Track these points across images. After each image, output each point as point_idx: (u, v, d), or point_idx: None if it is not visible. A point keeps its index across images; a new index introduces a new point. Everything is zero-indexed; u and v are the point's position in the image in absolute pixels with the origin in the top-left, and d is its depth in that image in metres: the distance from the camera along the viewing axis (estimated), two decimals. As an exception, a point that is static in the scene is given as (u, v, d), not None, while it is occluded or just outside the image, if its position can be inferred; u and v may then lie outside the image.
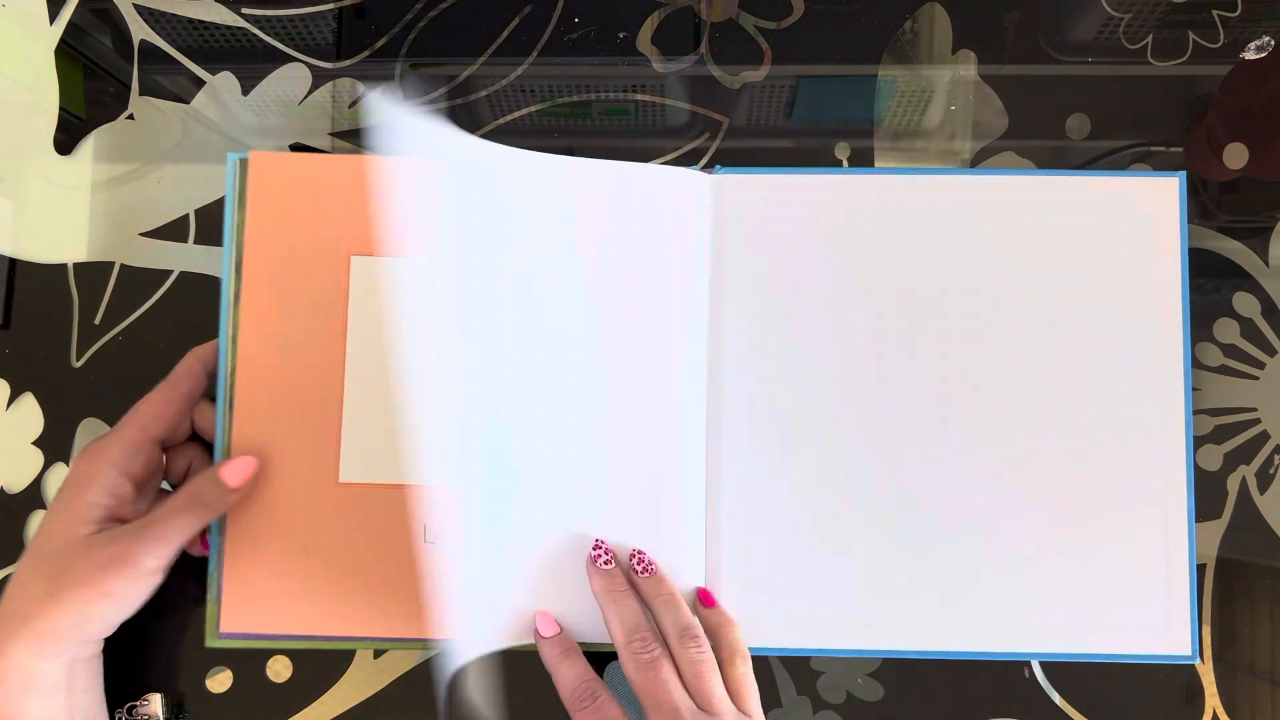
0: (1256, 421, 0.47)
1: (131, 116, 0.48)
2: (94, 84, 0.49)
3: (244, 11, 0.49)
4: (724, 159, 0.49)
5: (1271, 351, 0.48)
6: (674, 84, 0.49)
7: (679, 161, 0.48)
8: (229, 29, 0.49)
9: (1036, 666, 0.45)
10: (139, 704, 0.44)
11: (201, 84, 0.49)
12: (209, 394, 0.42)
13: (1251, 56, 0.49)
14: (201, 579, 0.42)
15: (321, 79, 0.49)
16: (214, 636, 0.41)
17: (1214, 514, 0.46)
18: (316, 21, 0.50)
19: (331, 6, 0.50)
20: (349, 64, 0.49)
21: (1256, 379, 0.47)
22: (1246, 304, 0.48)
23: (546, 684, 0.40)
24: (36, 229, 0.47)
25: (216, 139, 0.48)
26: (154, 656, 0.44)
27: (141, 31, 0.49)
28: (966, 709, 0.45)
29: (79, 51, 0.49)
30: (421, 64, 0.49)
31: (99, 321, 0.47)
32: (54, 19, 0.49)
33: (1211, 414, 0.47)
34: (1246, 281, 0.48)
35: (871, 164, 0.48)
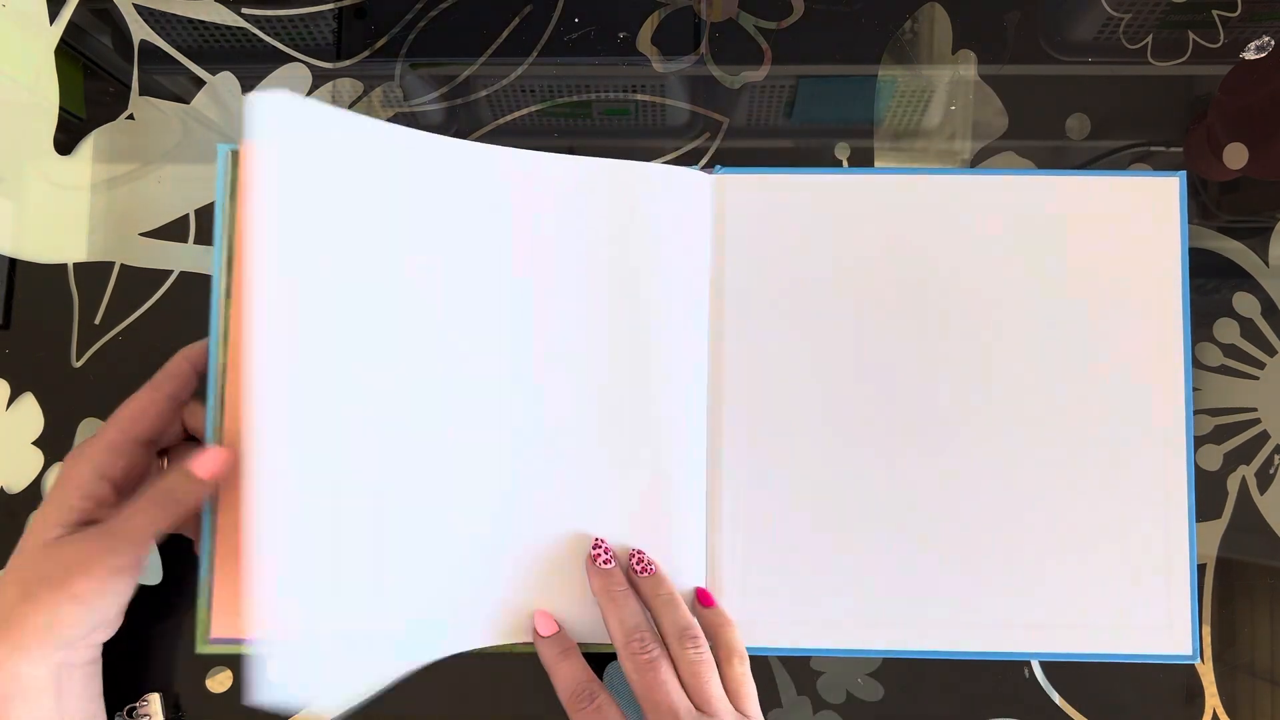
0: (1256, 421, 0.47)
1: (131, 116, 0.48)
2: (94, 84, 0.49)
3: (244, 11, 0.49)
4: (724, 159, 0.49)
5: (1271, 351, 0.48)
6: (674, 84, 0.49)
7: (679, 161, 0.48)
8: (229, 29, 0.49)
9: (1036, 666, 0.45)
10: (138, 705, 0.44)
11: (201, 84, 0.49)
12: (200, 394, 0.41)
13: (1251, 56, 0.49)
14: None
15: (321, 79, 0.49)
16: (204, 642, 0.40)
17: (1214, 514, 0.46)
18: (316, 21, 0.50)
19: (331, 6, 0.50)
20: (349, 64, 0.49)
21: (1256, 379, 0.47)
22: (1246, 304, 0.48)
23: (545, 684, 0.40)
24: (36, 229, 0.47)
25: (216, 139, 0.48)
26: (154, 656, 0.44)
27: (141, 31, 0.49)
28: (966, 709, 0.45)
29: (79, 51, 0.49)
30: (421, 64, 0.49)
31: (99, 321, 0.47)
32: (54, 19, 0.49)
33: (1211, 414, 0.47)
34: (1246, 281, 0.48)
35: (871, 164, 0.48)
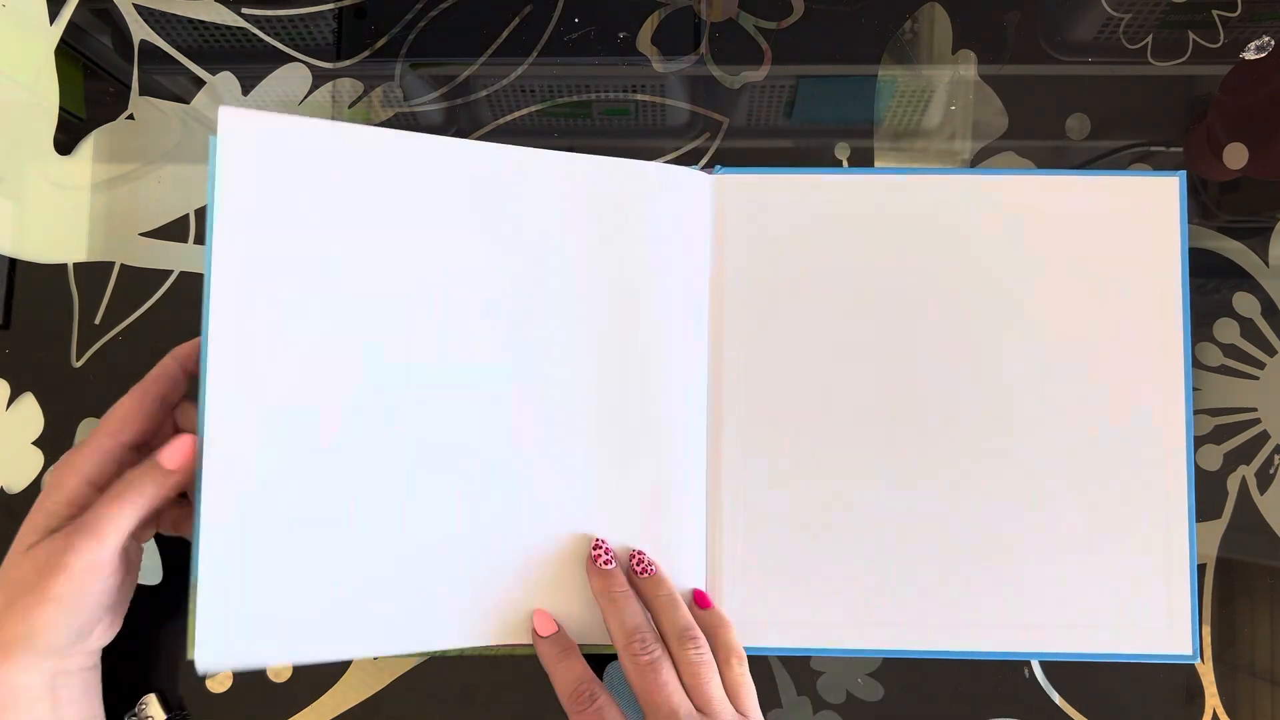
0: (1256, 421, 0.47)
1: (131, 116, 0.48)
2: (94, 84, 0.49)
3: (244, 11, 0.49)
4: (724, 159, 0.49)
5: (1271, 351, 0.48)
6: (674, 84, 0.49)
7: (679, 161, 0.48)
8: (229, 29, 0.49)
9: (1036, 666, 0.45)
10: (138, 709, 0.43)
11: (201, 84, 0.49)
12: (192, 395, 0.40)
13: (1251, 56, 0.49)
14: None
15: (321, 79, 0.49)
16: (195, 649, 0.38)
17: (1214, 514, 0.46)
18: (316, 21, 0.50)
19: (331, 6, 0.50)
20: (349, 64, 0.49)
21: (1256, 379, 0.47)
22: (1246, 304, 0.48)
23: (545, 685, 0.39)
24: (36, 229, 0.47)
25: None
26: (154, 657, 0.45)
27: (141, 31, 0.49)
28: (966, 709, 0.45)
29: (79, 51, 0.49)
30: (421, 64, 0.49)
31: (99, 321, 0.47)
32: (54, 19, 0.49)
33: (1211, 414, 0.47)
34: (1246, 281, 0.48)
35: (871, 164, 0.48)
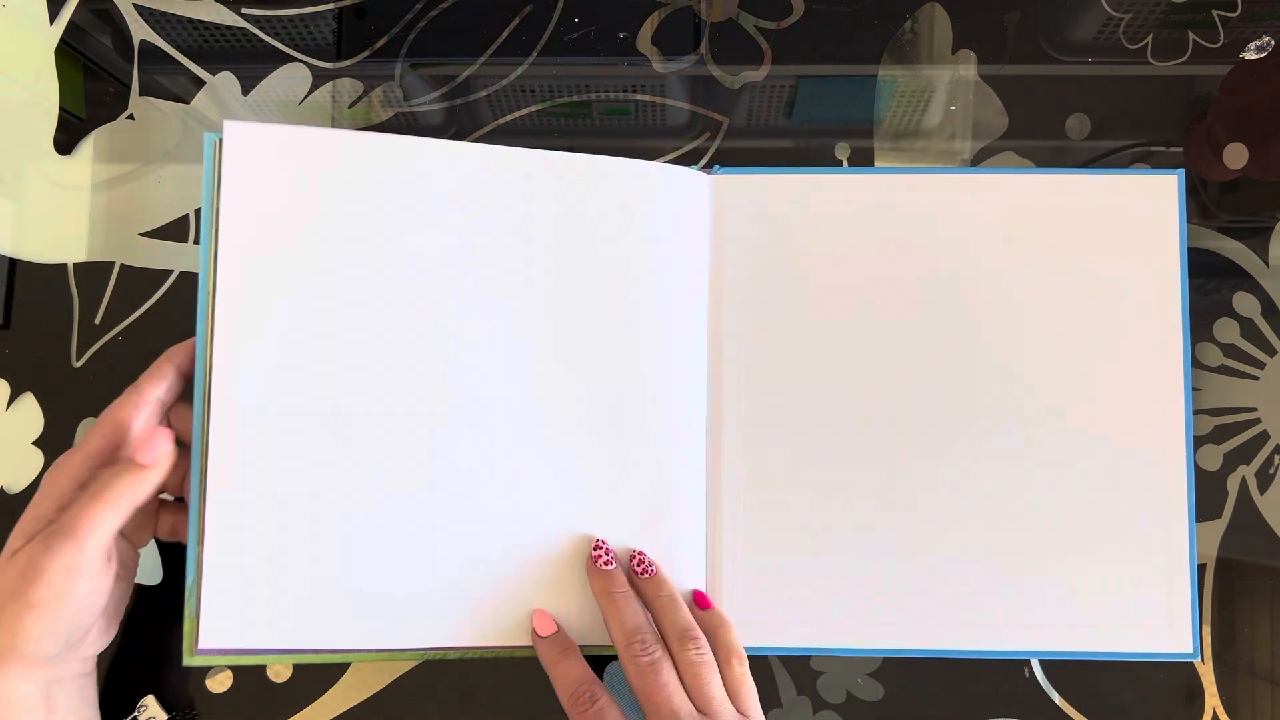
0: (1256, 421, 0.47)
1: (131, 116, 0.48)
2: (94, 84, 0.49)
3: (244, 11, 0.49)
4: (724, 159, 0.49)
5: (1271, 351, 0.48)
6: (674, 84, 0.49)
7: (679, 161, 0.48)
8: (229, 29, 0.49)
9: (1036, 666, 0.45)
10: (137, 711, 0.43)
11: (201, 84, 0.49)
12: (186, 396, 0.40)
13: (1251, 56, 0.49)
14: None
15: (321, 79, 0.49)
16: (192, 654, 0.39)
17: (1214, 514, 0.46)
18: (316, 21, 0.50)
19: (331, 6, 0.50)
20: (349, 64, 0.49)
21: (1256, 379, 0.47)
22: (1246, 304, 0.48)
23: (544, 685, 0.39)
24: (36, 229, 0.47)
25: (216, 139, 0.48)
26: (155, 657, 0.44)
27: (141, 31, 0.49)
28: (966, 709, 0.45)
29: (79, 51, 0.49)
30: (421, 64, 0.49)
31: (99, 321, 0.47)
32: (54, 19, 0.49)
33: (1211, 414, 0.47)
34: (1246, 281, 0.48)
35: (871, 164, 0.48)
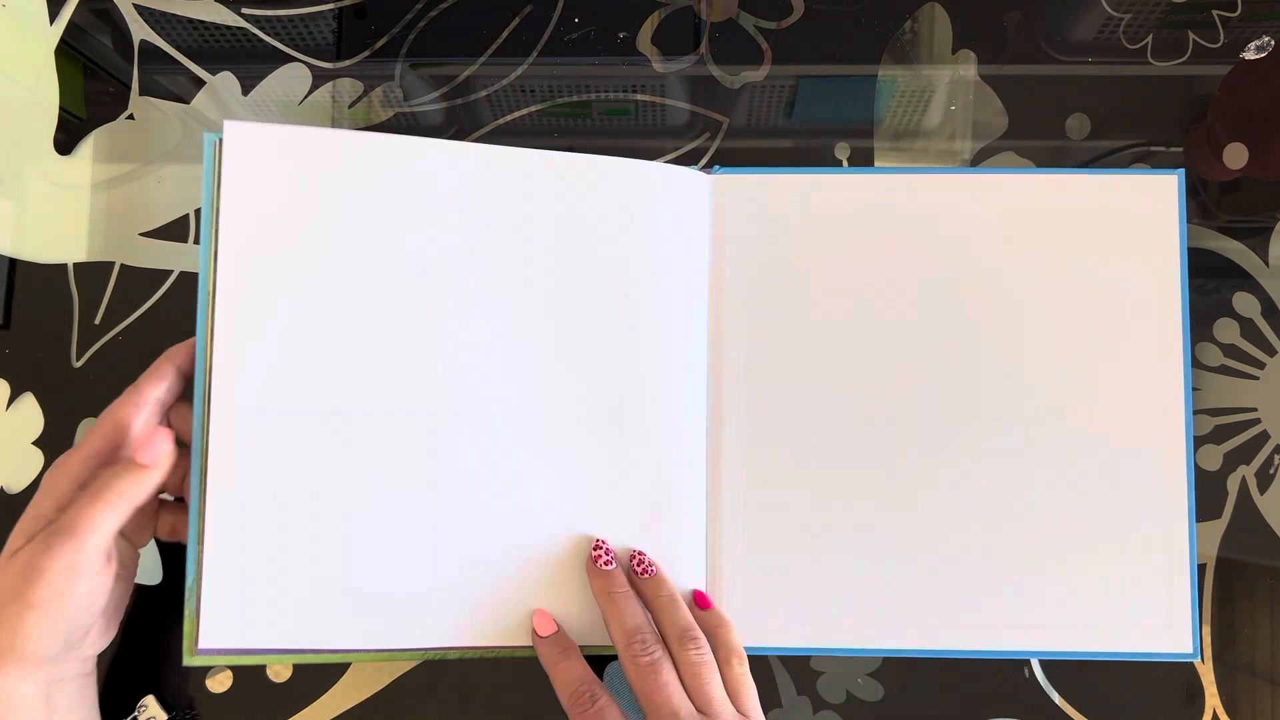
0: (1256, 421, 0.47)
1: (131, 116, 0.48)
2: (94, 84, 0.49)
3: (244, 11, 0.49)
4: (724, 159, 0.49)
5: (1271, 351, 0.48)
6: (674, 84, 0.49)
7: (679, 161, 0.48)
8: (229, 29, 0.49)
9: (1036, 666, 0.45)
10: (137, 712, 0.43)
11: (201, 84, 0.49)
12: (187, 396, 0.40)
13: (1251, 56, 0.49)
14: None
15: (321, 79, 0.49)
16: (192, 654, 0.39)
17: (1214, 514, 0.46)
18: (316, 21, 0.50)
19: (331, 6, 0.50)
20: (349, 64, 0.49)
21: (1256, 379, 0.47)
22: (1246, 304, 0.48)
23: (544, 685, 0.39)
24: (36, 229, 0.47)
25: (216, 139, 0.48)
26: (154, 657, 0.44)
27: (141, 31, 0.49)
28: (966, 709, 0.45)
29: (79, 51, 0.49)
30: (421, 64, 0.49)
31: (99, 321, 0.47)
32: (54, 19, 0.49)
33: (1211, 414, 0.47)
34: (1246, 281, 0.48)
35: (871, 164, 0.48)
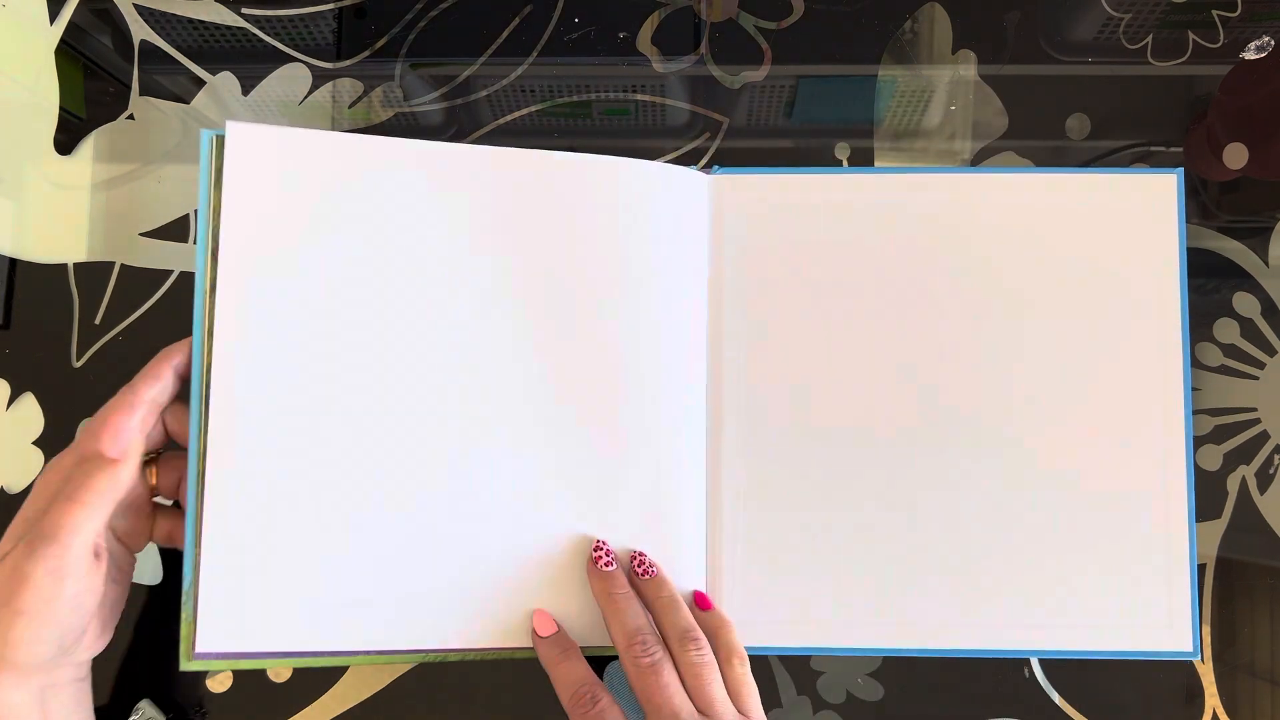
0: (1256, 421, 0.47)
1: (132, 116, 0.48)
2: (94, 84, 0.49)
3: (244, 11, 0.49)
4: (724, 159, 0.49)
5: (1271, 351, 0.48)
6: (674, 84, 0.49)
7: (679, 162, 0.48)
8: (229, 29, 0.49)
9: (1036, 666, 0.45)
10: (134, 715, 0.43)
11: (202, 84, 0.49)
12: (183, 396, 0.39)
13: (1251, 56, 0.49)
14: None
15: (321, 79, 0.49)
16: (189, 658, 0.38)
17: (1214, 514, 0.46)
18: (316, 21, 0.50)
19: (331, 6, 0.50)
20: (349, 64, 0.49)
21: (1256, 379, 0.47)
22: (1246, 304, 0.48)
23: (545, 685, 0.39)
24: (36, 229, 0.47)
25: (216, 139, 0.48)
26: (154, 656, 0.44)
27: (142, 31, 0.49)
28: (966, 709, 0.45)
29: (79, 51, 0.49)
30: (421, 64, 0.49)
31: (99, 321, 0.47)
32: (54, 19, 0.49)
33: (1211, 414, 0.47)
34: (1246, 281, 0.48)
35: (871, 164, 0.48)
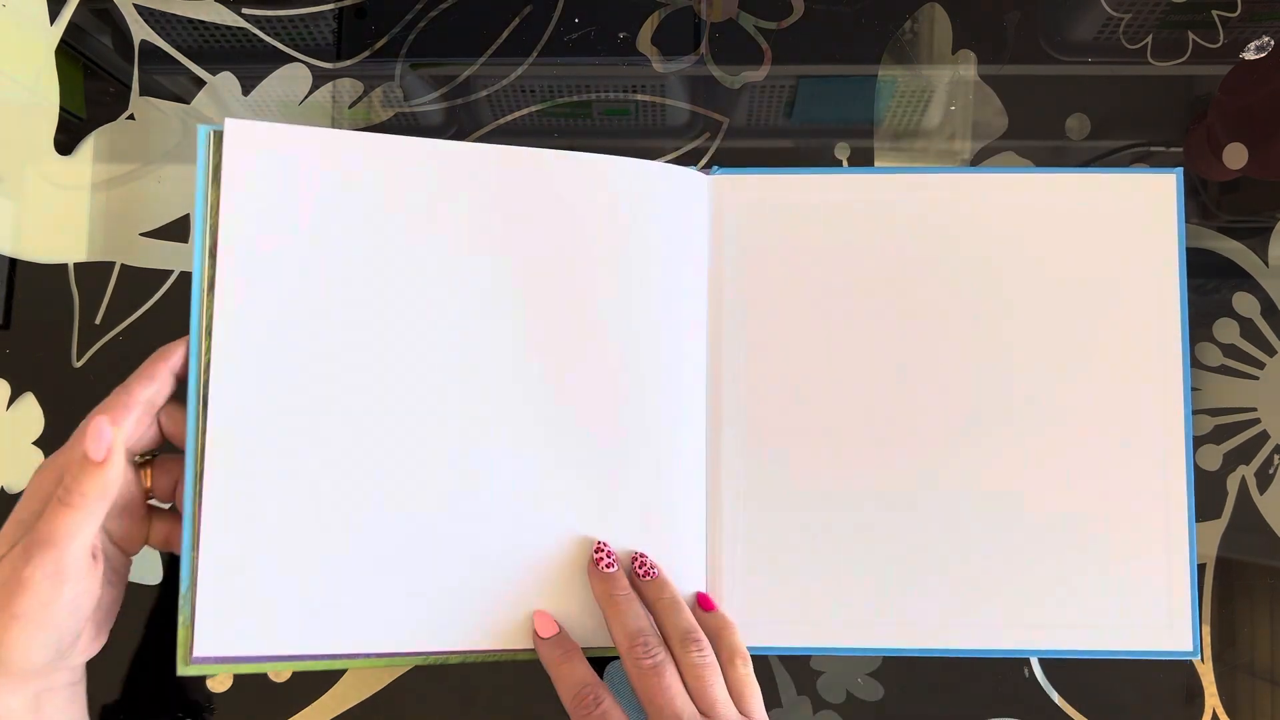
0: (1256, 421, 0.47)
1: (132, 116, 0.48)
2: (94, 84, 0.49)
3: (244, 12, 0.49)
4: (724, 159, 0.49)
5: (1271, 351, 0.48)
6: (674, 84, 0.49)
7: (679, 162, 0.48)
8: (229, 29, 0.49)
9: (1036, 666, 0.45)
10: None
11: (202, 84, 0.49)
12: (179, 396, 0.38)
13: (1251, 56, 0.49)
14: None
15: (321, 79, 0.49)
16: (186, 663, 0.37)
17: (1214, 514, 0.46)
18: (316, 21, 0.50)
19: (331, 6, 0.50)
20: (349, 64, 0.49)
21: (1256, 379, 0.47)
22: (1246, 304, 0.48)
23: (545, 686, 0.39)
24: (36, 229, 0.47)
25: (216, 139, 0.48)
26: (154, 656, 0.45)
27: (142, 31, 0.49)
28: (966, 709, 0.45)
29: (79, 51, 0.49)
30: (421, 64, 0.49)
31: (99, 321, 0.47)
32: (54, 19, 0.49)
33: (1211, 414, 0.47)
34: (1246, 281, 0.48)
35: (871, 164, 0.48)
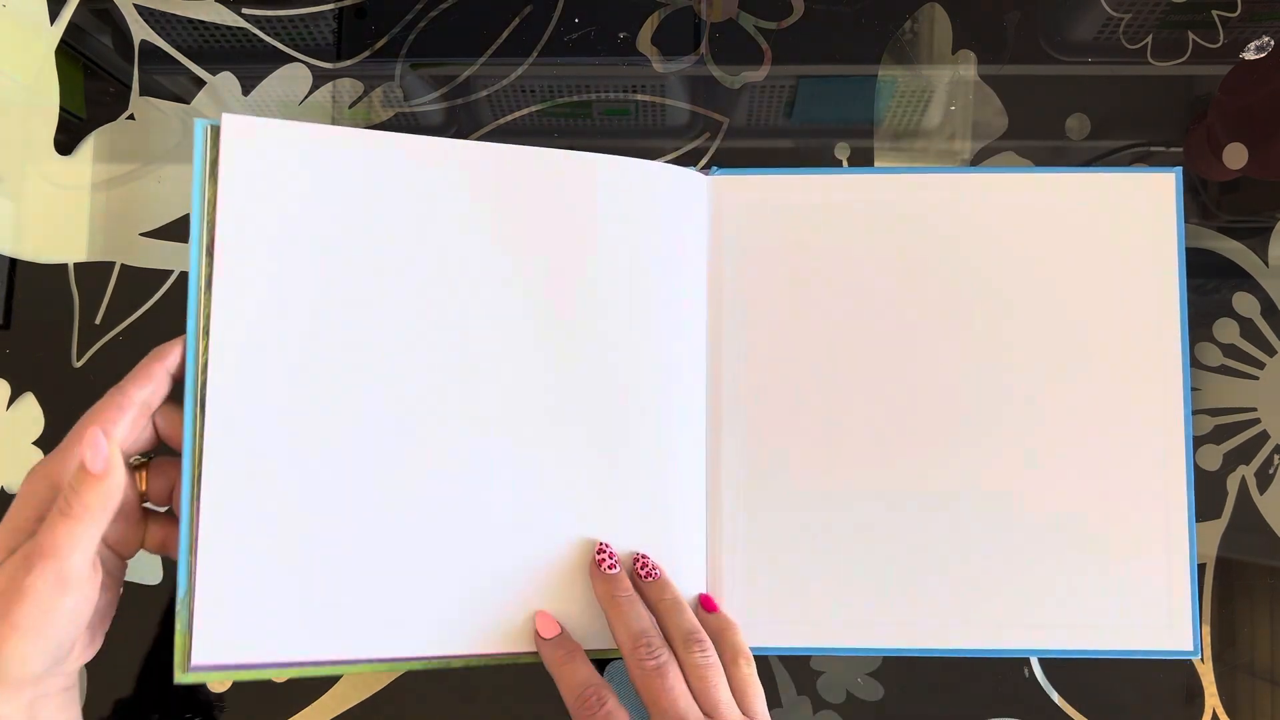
0: (1256, 421, 0.47)
1: (132, 116, 0.48)
2: (94, 84, 0.49)
3: (244, 12, 0.49)
4: (724, 159, 0.49)
5: (1271, 351, 0.48)
6: (674, 84, 0.49)
7: (679, 162, 0.48)
8: (229, 29, 0.49)
9: (1036, 666, 0.45)
10: None
11: (202, 84, 0.49)
12: (175, 397, 0.38)
13: (1251, 56, 0.49)
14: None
15: (322, 79, 0.49)
16: (184, 670, 0.37)
17: (1214, 514, 0.46)
18: (316, 21, 0.50)
19: (331, 6, 0.50)
20: (349, 64, 0.49)
21: (1256, 379, 0.47)
22: (1246, 304, 0.48)
23: (547, 686, 0.39)
24: (36, 229, 0.47)
25: (217, 139, 0.48)
26: (153, 656, 0.45)
27: (142, 32, 0.49)
28: (966, 709, 0.45)
29: (79, 51, 0.49)
30: (421, 64, 0.49)
31: (99, 321, 0.47)
32: (54, 19, 0.49)
33: (1211, 414, 0.47)
34: (1246, 281, 0.48)
35: (871, 164, 0.48)
